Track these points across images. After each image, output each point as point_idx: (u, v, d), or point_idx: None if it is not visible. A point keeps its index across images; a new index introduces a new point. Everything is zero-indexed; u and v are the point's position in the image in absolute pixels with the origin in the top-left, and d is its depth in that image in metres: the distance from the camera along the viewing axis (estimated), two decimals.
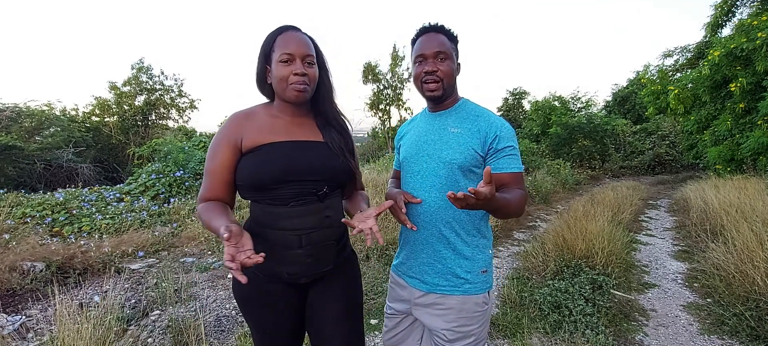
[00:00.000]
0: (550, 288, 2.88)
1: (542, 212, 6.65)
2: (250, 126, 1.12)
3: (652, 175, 13.09)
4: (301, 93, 1.09)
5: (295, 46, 1.08)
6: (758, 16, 6.81)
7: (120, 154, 14.25)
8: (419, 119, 1.35)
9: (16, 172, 9.47)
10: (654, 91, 9.61)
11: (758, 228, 3.22)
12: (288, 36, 1.10)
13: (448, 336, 1.19)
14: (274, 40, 1.11)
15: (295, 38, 1.09)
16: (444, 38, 1.18)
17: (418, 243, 1.24)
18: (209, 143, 1.20)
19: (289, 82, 1.08)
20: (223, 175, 1.10)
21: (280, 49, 1.08)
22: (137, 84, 15.51)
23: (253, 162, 1.08)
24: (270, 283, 1.14)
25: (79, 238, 4.39)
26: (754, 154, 6.88)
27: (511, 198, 1.10)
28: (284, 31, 1.11)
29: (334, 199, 1.16)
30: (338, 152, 1.14)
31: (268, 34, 1.13)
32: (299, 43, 1.09)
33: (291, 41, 1.09)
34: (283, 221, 1.08)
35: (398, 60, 17.67)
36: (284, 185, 1.07)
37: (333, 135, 1.16)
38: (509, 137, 1.16)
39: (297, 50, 1.08)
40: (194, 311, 2.67)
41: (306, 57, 1.09)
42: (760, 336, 2.33)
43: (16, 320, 2.61)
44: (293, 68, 1.07)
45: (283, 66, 1.07)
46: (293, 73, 1.07)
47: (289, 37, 1.10)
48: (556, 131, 12.86)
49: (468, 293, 1.18)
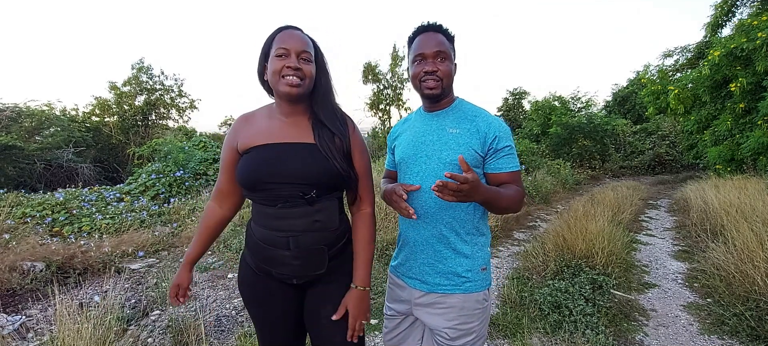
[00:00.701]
0: (550, 288, 2.88)
1: (542, 212, 6.65)
2: (247, 128, 1.17)
3: (652, 175, 13.09)
4: (294, 87, 1.08)
5: (291, 42, 1.10)
6: (758, 16, 6.81)
7: (120, 154, 14.25)
8: (414, 119, 1.33)
9: (16, 172, 9.47)
10: (654, 91, 9.61)
11: (758, 228, 3.22)
12: (287, 33, 1.12)
13: (449, 335, 1.19)
14: (274, 37, 1.13)
15: (293, 35, 1.11)
16: (442, 38, 1.18)
17: (417, 244, 1.24)
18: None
19: (282, 75, 1.08)
20: (225, 174, 1.22)
21: (278, 44, 1.10)
22: (137, 84, 15.52)
23: (244, 163, 1.12)
24: (268, 281, 1.16)
25: (79, 238, 4.39)
26: (754, 154, 6.88)
27: (504, 192, 1.12)
28: (284, 30, 1.13)
29: (327, 203, 1.13)
30: (328, 155, 1.11)
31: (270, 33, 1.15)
32: (296, 39, 1.11)
33: (289, 38, 1.11)
34: (272, 221, 1.10)
35: (398, 60, 17.67)
36: (272, 186, 1.08)
37: (325, 137, 1.14)
38: (507, 137, 1.18)
39: (293, 46, 1.09)
40: (194, 311, 2.67)
41: (302, 53, 1.10)
42: (760, 336, 2.33)
43: (16, 320, 2.61)
44: (287, 62, 1.08)
45: (278, 60, 1.09)
46: (286, 66, 1.08)
47: (288, 34, 1.12)
48: (556, 131, 12.86)
49: (469, 292, 1.18)
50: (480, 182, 1.01)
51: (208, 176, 7.56)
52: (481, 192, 1.02)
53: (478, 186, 0.99)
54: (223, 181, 1.23)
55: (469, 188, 0.97)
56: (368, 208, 1.24)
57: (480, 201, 1.05)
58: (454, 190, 0.96)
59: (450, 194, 0.97)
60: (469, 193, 0.98)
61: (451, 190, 0.96)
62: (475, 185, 0.98)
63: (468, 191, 0.97)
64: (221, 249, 4.16)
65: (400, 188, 1.17)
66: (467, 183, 0.96)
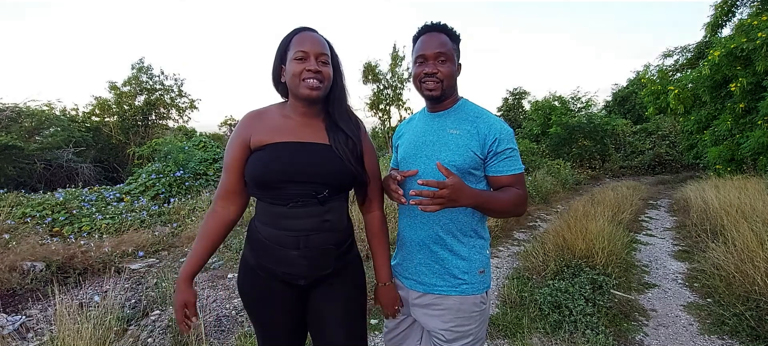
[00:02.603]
0: (550, 288, 2.87)
1: (542, 212, 6.65)
2: (260, 125, 1.14)
3: (652, 175, 13.09)
4: (314, 90, 1.09)
5: (310, 45, 1.10)
6: (758, 16, 6.81)
7: (120, 154, 14.25)
8: (418, 119, 1.34)
9: (16, 172, 9.47)
10: (654, 91, 9.61)
11: (758, 228, 3.22)
12: (304, 35, 1.12)
13: (446, 336, 1.19)
14: (291, 39, 1.13)
15: (310, 38, 1.11)
16: (446, 38, 1.17)
17: (414, 244, 1.24)
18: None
19: (302, 78, 1.09)
20: (234, 172, 1.15)
21: (296, 47, 1.10)
22: (137, 84, 15.51)
23: (258, 160, 1.10)
24: (271, 281, 1.15)
25: (79, 238, 4.40)
26: (754, 154, 6.88)
27: (498, 195, 1.12)
28: (301, 32, 1.13)
29: (337, 203, 1.14)
30: (343, 156, 1.12)
31: (285, 35, 1.15)
32: (314, 42, 1.11)
33: (306, 40, 1.11)
34: (282, 220, 1.08)
35: (398, 60, 17.69)
36: (285, 185, 1.08)
37: (339, 138, 1.15)
38: (508, 139, 1.16)
39: (312, 48, 1.09)
40: None
41: (320, 56, 1.10)
42: (760, 336, 2.33)
43: (16, 320, 2.61)
44: (307, 65, 1.08)
45: (297, 63, 1.09)
46: (306, 69, 1.08)
47: (305, 36, 1.12)
48: (556, 131, 12.86)
49: (465, 294, 1.18)
50: (464, 186, 1.01)
51: (208, 176, 7.56)
52: (468, 196, 1.02)
53: (461, 191, 0.99)
54: (232, 180, 1.15)
55: (449, 193, 0.97)
56: (378, 210, 1.27)
57: (470, 205, 1.05)
58: (433, 197, 0.96)
59: (431, 203, 0.97)
60: (452, 198, 0.98)
61: (430, 197, 0.96)
62: (457, 190, 0.98)
63: (449, 196, 0.97)
64: (221, 249, 4.16)
65: (395, 172, 1.18)
66: (446, 188, 0.96)
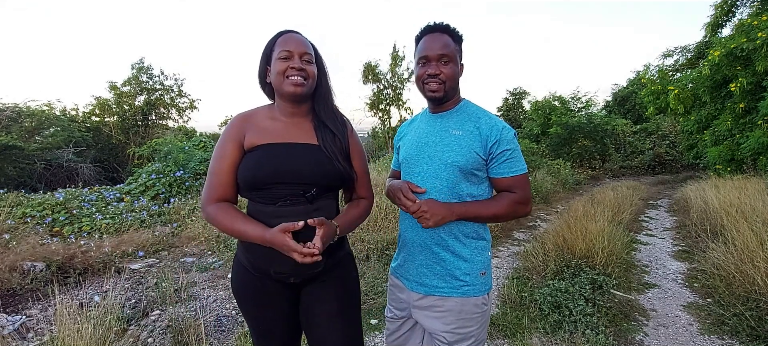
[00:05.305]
0: (550, 288, 2.87)
1: (542, 212, 6.65)
2: (251, 126, 1.17)
3: (652, 175, 13.09)
4: (299, 86, 1.12)
5: (294, 45, 1.14)
6: (758, 16, 6.80)
7: (120, 154, 14.25)
8: (420, 120, 1.34)
9: (16, 172, 9.47)
10: (654, 91, 9.61)
11: (758, 228, 3.22)
12: (288, 37, 1.17)
13: (447, 338, 1.19)
14: (275, 41, 1.17)
15: (294, 38, 1.16)
16: (448, 39, 1.17)
17: (416, 246, 1.24)
18: (209, 143, 1.22)
19: (287, 75, 1.12)
20: (229, 174, 1.13)
21: (280, 47, 1.14)
22: (137, 84, 15.50)
23: (250, 162, 1.12)
24: (263, 280, 1.16)
25: (79, 238, 4.39)
26: (754, 154, 6.88)
27: (489, 203, 1.17)
28: (285, 33, 1.17)
29: (325, 201, 1.16)
30: (331, 156, 1.16)
31: (270, 38, 1.19)
32: (298, 42, 1.15)
33: (290, 41, 1.15)
34: (271, 219, 1.10)
35: (398, 60, 17.66)
36: (275, 185, 1.10)
37: (327, 138, 1.18)
38: (509, 140, 1.16)
39: (295, 48, 1.13)
40: (194, 311, 2.67)
41: (304, 55, 1.14)
42: (760, 336, 2.33)
43: (17, 320, 2.61)
44: (291, 63, 1.12)
45: (282, 62, 1.13)
46: (290, 67, 1.12)
47: (289, 37, 1.17)
48: (556, 131, 12.86)
49: (467, 295, 1.18)
50: (438, 206, 1.11)
51: None
52: (453, 212, 1.12)
53: (438, 210, 1.10)
54: (225, 182, 1.13)
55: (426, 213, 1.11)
56: (366, 201, 1.29)
57: (458, 219, 1.15)
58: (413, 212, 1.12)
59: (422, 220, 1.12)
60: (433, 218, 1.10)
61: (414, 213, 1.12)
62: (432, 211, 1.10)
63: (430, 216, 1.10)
64: (221, 249, 4.16)
65: (406, 187, 1.19)
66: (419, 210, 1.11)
